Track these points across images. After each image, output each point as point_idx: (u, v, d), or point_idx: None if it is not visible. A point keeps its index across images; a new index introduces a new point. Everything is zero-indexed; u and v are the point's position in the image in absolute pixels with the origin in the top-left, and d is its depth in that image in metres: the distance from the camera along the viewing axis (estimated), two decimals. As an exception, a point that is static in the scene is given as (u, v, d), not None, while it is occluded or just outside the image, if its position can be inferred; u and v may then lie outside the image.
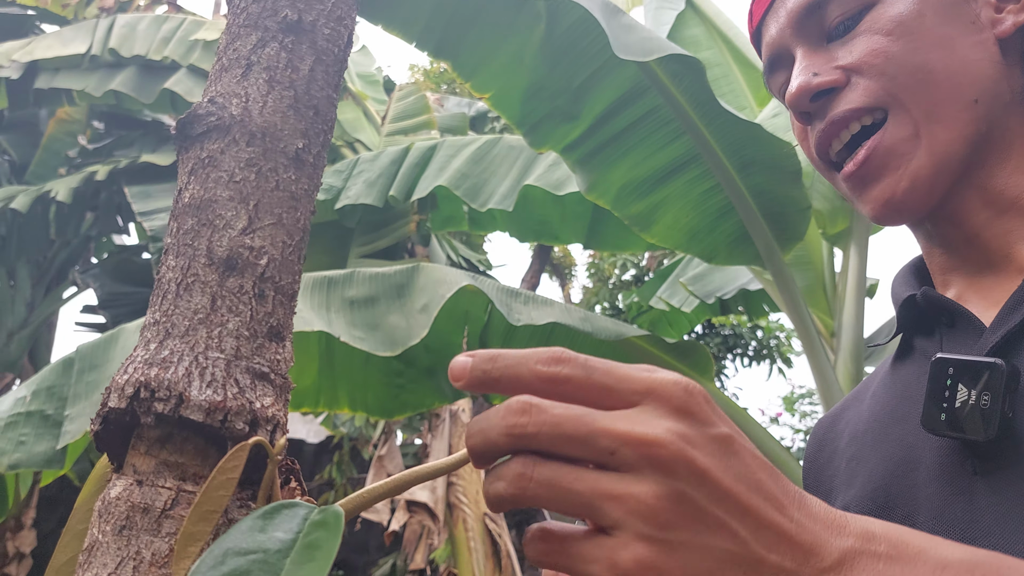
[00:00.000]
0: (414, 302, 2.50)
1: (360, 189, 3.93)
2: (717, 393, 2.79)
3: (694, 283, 3.68)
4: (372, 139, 5.86)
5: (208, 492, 0.39)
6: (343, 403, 2.78)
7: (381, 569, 5.83)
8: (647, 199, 2.89)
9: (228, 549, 0.36)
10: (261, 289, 0.46)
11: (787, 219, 2.79)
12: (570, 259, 11.09)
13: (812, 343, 2.79)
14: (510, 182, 3.42)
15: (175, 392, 0.41)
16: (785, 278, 2.79)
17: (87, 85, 5.93)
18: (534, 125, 2.76)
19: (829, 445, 0.72)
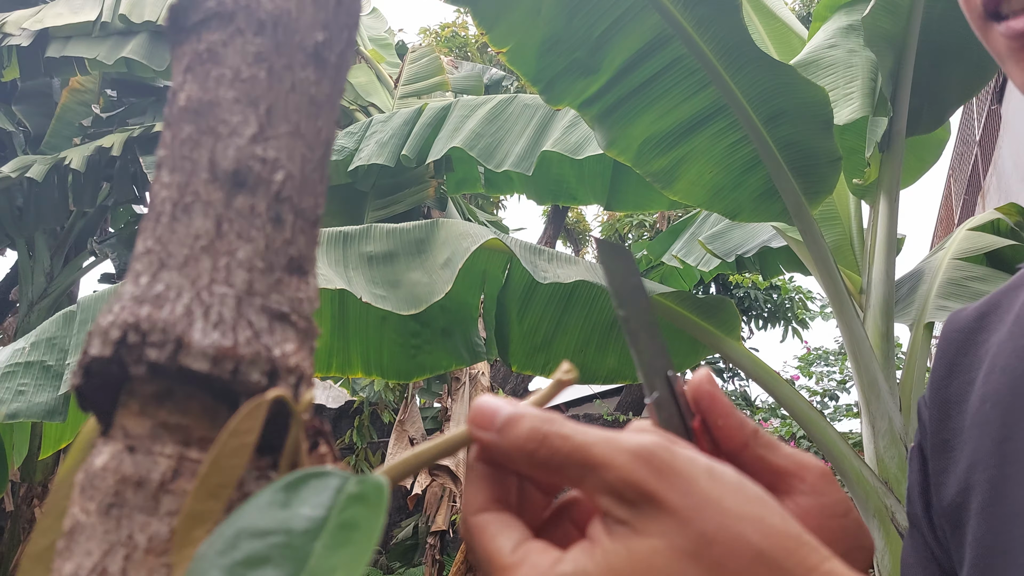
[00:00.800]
0: (435, 257, 2.41)
1: (372, 150, 3.84)
2: (745, 353, 2.70)
3: (712, 241, 3.58)
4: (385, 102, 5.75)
5: (217, 461, 0.30)
6: (356, 366, 2.71)
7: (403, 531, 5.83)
8: (670, 154, 2.78)
9: (242, 529, 0.28)
10: (277, 211, 0.37)
11: (816, 172, 2.68)
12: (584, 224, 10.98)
13: (841, 300, 2.70)
14: (526, 142, 3.33)
15: (172, 335, 0.33)
16: (813, 234, 2.69)
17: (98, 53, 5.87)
18: (551, 80, 2.65)
19: (961, 365, 0.64)
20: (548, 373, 2.83)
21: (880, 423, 2.62)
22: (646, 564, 0.29)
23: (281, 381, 0.34)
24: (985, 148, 10.13)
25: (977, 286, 2.83)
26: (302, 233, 0.38)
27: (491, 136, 3.38)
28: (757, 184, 2.78)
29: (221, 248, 0.35)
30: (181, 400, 0.34)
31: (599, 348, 2.84)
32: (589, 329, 2.83)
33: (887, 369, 2.67)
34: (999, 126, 9.27)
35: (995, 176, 9.46)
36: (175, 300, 0.34)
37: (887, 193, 2.69)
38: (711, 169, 2.76)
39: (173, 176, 0.37)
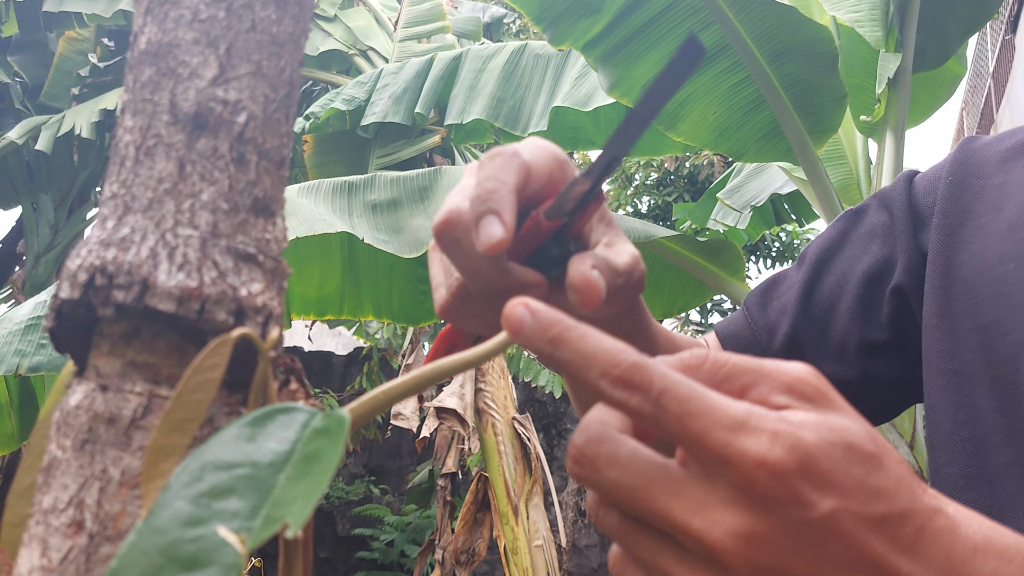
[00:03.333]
0: (439, 203, 2.42)
1: (386, 105, 3.82)
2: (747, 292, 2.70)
3: (730, 196, 3.57)
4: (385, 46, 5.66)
5: (182, 396, 0.31)
6: (367, 310, 2.74)
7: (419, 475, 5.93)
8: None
9: (208, 462, 0.29)
10: (240, 152, 0.37)
11: (821, 110, 2.65)
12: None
13: (846, 239, 2.68)
14: (544, 98, 3.31)
15: (138, 277, 0.33)
16: (818, 173, 2.66)
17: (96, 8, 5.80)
18: (554, 20, 2.61)
19: (974, 210, 0.64)
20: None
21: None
22: (844, 429, 0.31)
23: (248, 320, 0.35)
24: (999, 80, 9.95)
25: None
26: (267, 174, 0.38)
27: (512, 98, 3.36)
28: (761, 124, 2.75)
29: (185, 190, 0.36)
30: (149, 340, 0.34)
31: (604, 291, 2.85)
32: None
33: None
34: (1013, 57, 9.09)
35: (1008, 109, 9.31)
36: (140, 243, 0.34)
37: (893, 130, 2.66)
38: (715, 109, 2.73)
39: (135, 119, 0.37)
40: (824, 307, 0.68)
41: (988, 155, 0.65)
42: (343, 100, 3.74)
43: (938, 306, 0.62)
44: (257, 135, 0.38)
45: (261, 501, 0.28)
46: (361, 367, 6.63)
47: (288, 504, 0.28)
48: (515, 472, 4.02)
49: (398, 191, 2.54)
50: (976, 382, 0.58)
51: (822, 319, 0.68)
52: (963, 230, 0.63)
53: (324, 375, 8.52)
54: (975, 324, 0.59)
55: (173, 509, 0.28)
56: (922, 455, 2.53)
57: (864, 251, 0.68)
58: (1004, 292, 0.57)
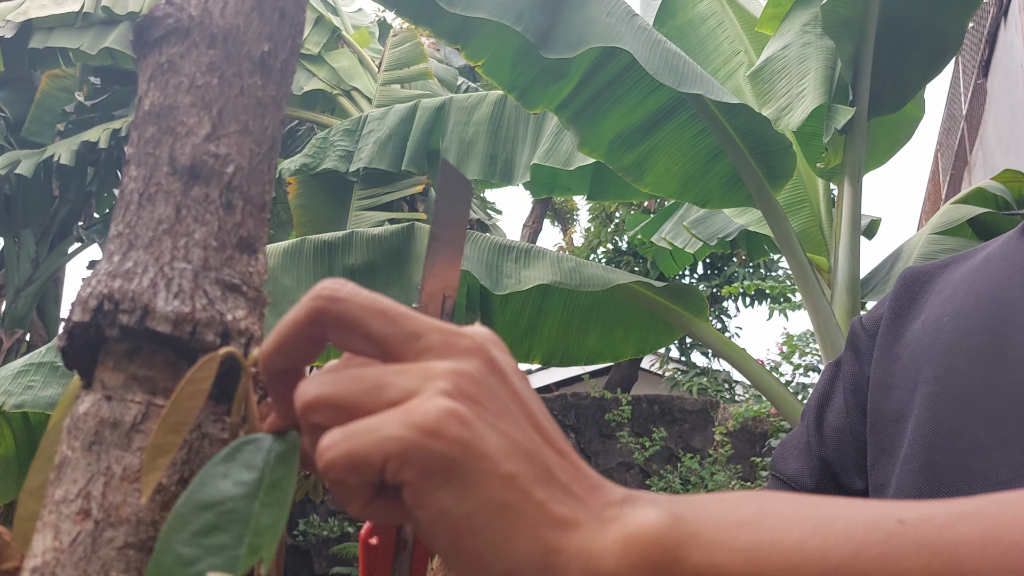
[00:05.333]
0: (411, 274, 2.54)
1: (372, 151, 3.91)
2: (712, 332, 2.79)
3: (696, 225, 3.66)
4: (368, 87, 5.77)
5: (176, 403, 0.37)
6: None
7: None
8: (637, 148, 2.86)
9: (194, 505, 0.35)
10: (228, 198, 0.44)
11: (774, 158, 2.77)
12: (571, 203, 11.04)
13: (807, 281, 2.78)
14: (529, 150, 3.42)
15: (140, 303, 0.40)
16: (777, 217, 2.77)
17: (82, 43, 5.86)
18: (525, 87, 2.73)
19: (920, 299, 0.74)
20: (532, 359, 2.91)
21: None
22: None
23: (233, 341, 0.41)
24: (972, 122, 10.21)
25: (949, 258, 2.91)
26: (251, 216, 0.45)
27: (503, 153, 3.47)
28: (723, 172, 2.86)
29: (180, 230, 0.42)
30: (148, 357, 0.40)
31: (580, 331, 2.93)
32: (569, 313, 2.91)
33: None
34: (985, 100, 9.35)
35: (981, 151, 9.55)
36: (142, 274, 0.41)
37: (850, 175, 2.77)
38: (678, 160, 2.84)
39: (139, 170, 0.44)
40: (836, 438, 0.77)
41: (928, 268, 0.77)
42: (338, 157, 3.85)
43: (880, 377, 0.71)
44: (243, 183, 0.44)
45: (243, 531, 0.34)
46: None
47: (263, 532, 0.34)
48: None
49: (374, 253, 2.63)
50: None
51: (837, 447, 0.76)
52: (907, 315, 0.74)
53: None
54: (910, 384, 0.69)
55: (173, 553, 0.34)
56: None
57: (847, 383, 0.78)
58: (939, 342, 0.67)
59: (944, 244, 3.05)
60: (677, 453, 8.27)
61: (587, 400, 8.53)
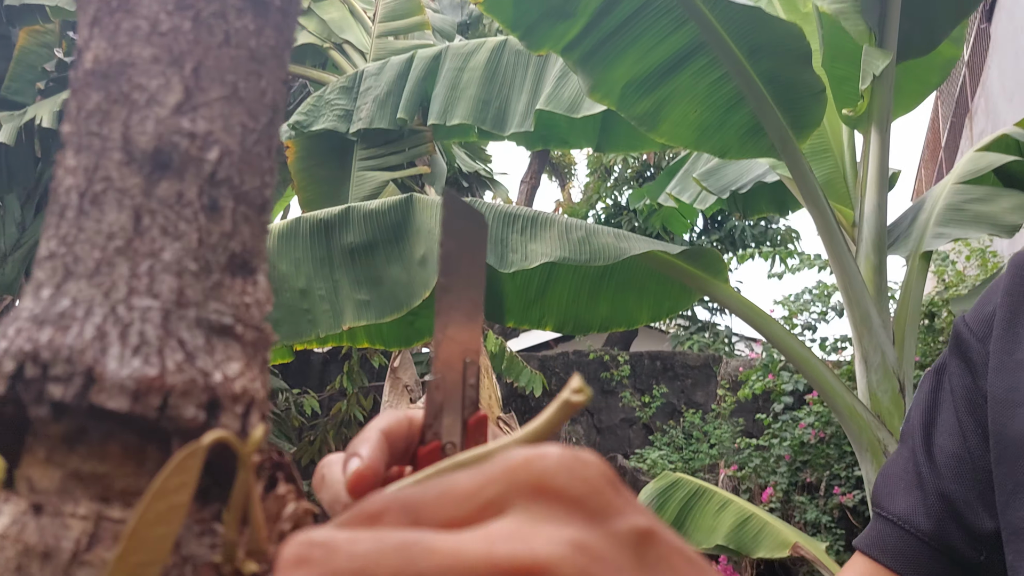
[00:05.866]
0: (412, 251, 2.39)
1: (372, 110, 3.74)
2: (732, 294, 2.66)
3: (707, 178, 3.51)
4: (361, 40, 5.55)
5: (140, 533, 0.24)
6: (361, 338, 2.72)
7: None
8: (652, 95, 2.69)
9: None
10: (212, 198, 0.30)
11: (801, 105, 2.60)
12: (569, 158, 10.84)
13: (832, 235, 2.65)
14: (527, 97, 3.25)
15: (80, 366, 0.26)
16: (802, 169, 2.61)
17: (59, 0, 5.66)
18: (529, 27, 2.54)
19: None
20: (544, 327, 2.78)
21: (873, 357, 2.60)
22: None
23: (225, 413, 0.28)
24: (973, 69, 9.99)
25: (977, 207, 2.77)
26: (246, 222, 0.31)
27: (497, 99, 3.29)
28: (743, 121, 2.69)
29: (142, 249, 0.28)
30: (98, 443, 0.27)
31: (591, 297, 2.79)
32: (580, 279, 2.77)
33: (880, 303, 2.63)
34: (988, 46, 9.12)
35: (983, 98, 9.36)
36: (84, 319, 0.27)
37: (878, 122, 2.61)
38: (695, 108, 2.67)
39: (79, 158, 0.30)
40: (952, 466, 0.63)
41: None
42: (337, 117, 3.68)
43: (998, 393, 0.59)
44: (233, 175, 0.30)
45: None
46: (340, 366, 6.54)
47: None
48: (499, 473, 3.96)
49: (372, 231, 2.49)
50: None
51: (956, 477, 0.63)
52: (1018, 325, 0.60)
53: (301, 374, 8.41)
54: None
55: None
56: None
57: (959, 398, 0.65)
58: None
59: (970, 194, 2.91)
60: (680, 408, 8.22)
61: (588, 357, 8.45)
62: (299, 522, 0.29)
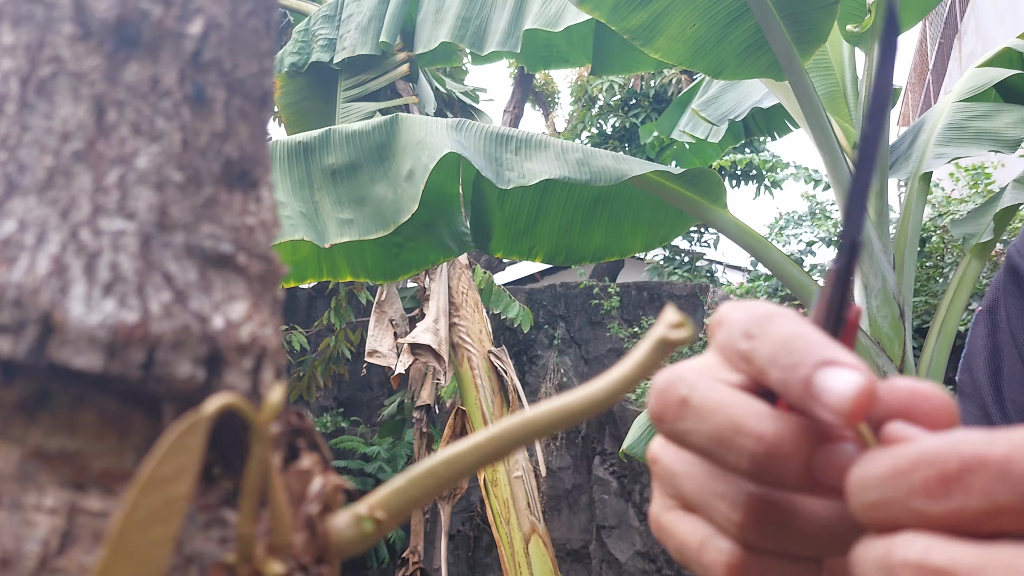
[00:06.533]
0: (398, 167, 2.27)
1: (355, 38, 3.60)
2: (732, 220, 2.59)
3: (705, 108, 3.41)
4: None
5: (126, 536, 0.18)
6: (344, 271, 2.62)
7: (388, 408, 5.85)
8: (648, 7, 2.58)
9: None
10: (198, 85, 0.22)
11: (809, 18, 2.50)
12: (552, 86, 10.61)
13: (833, 156, 2.58)
14: (509, 15, 3.11)
15: (34, 311, 0.19)
16: (805, 87, 2.53)
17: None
18: None
19: None
20: (534, 257, 2.71)
21: (873, 282, 2.56)
22: None
23: (230, 369, 0.21)
24: (964, -13, 9.79)
25: (978, 124, 2.71)
26: (243, 119, 0.24)
27: (477, 17, 3.14)
28: (743, 36, 2.59)
29: (108, 153, 0.21)
30: (65, 410, 0.20)
31: (584, 227, 2.72)
32: (572, 209, 2.69)
33: (880, 227, 2.58)
34: (978, -37, 8.92)
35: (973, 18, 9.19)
36: (35, 248, 0.20)
37: (883, 39, 2.52)
38: (694, 22, 2.56)
39: (18, 33, 0.22)
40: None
41: None
42: (321, 47, 3.53)
43: None
44: (223, 56, 0.23)
45: None
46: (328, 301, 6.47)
47: None
48: (492, 405, 3.95)
49: (355, 152, 2.37)
50: None
51: None
52: None
53: (288, 310, 8.35)
54: None
55: None
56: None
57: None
58: None
59: (971, 111, 2.84)
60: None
61: (576, 289, 8.42)
62: (329, 502, 0.23)
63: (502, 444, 0.24)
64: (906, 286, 2.60)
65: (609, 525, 6.63)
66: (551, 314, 8.27)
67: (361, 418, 8.38)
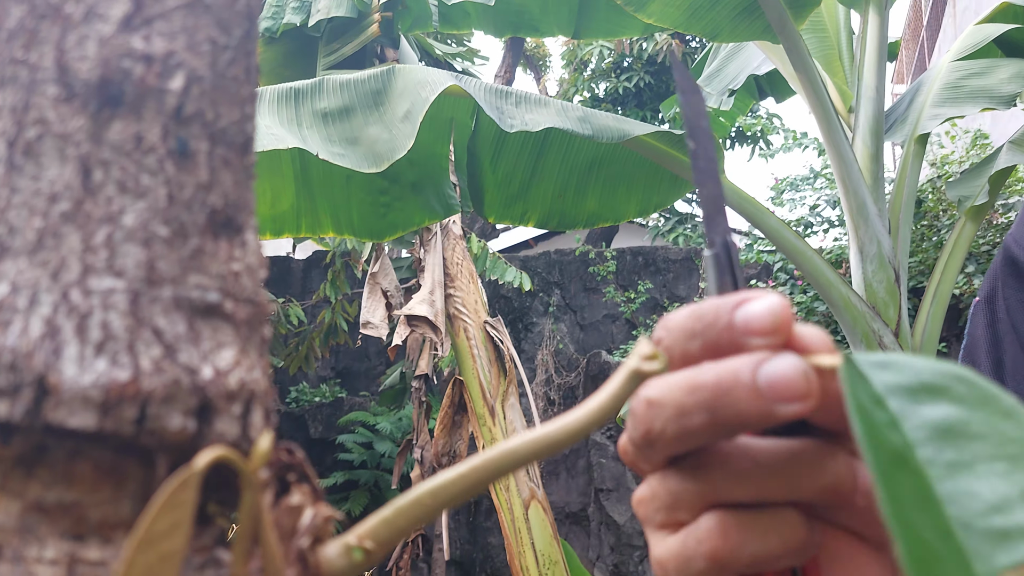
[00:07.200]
0: (394, 109, 2.21)
1: (328, 1, 3.54)
2: (730, 186, 2.59)
3: (709, 82, 3.39)
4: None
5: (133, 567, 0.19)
6: (327, 226, 2.56)
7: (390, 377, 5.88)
8: (645, -33, 2.55)
9: None
10: (181, 140, 0.23)
11: (802, -19, 2.48)
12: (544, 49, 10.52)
13: (829, 120, 2.57)
14: None
15: (29, 375, 0.20)
16: (800, 51, 2.51)
17: None
18: None
19: None
20: (527, 222, 2.70)
21: (869, 247, 2.56)
22: None
23: (219, 417, 0.22)
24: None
25: (974, 82, 2.68)
26: (226, 168, 0.24)
27: None
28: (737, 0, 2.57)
29: (95, 212, 0.22)
30: (62, 463, 0.21)
31: (578, 192, 2.71)
32: (566, 173, 2.68)
33: (876, 191, 2.58)
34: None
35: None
36: (28, 310, 0.21)
37: (876, 2, 2.49)
38: (690, -18, 2.54)
39: (3, 94, 0.23)
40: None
41: None
42: (293, 10, 3.47)
43: None
44: (204, 108, 0.24)
45: None
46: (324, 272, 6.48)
47: None
48: (489, 374, 3.97)
49: (349, 97, 2.32)
50: None
51: None
52: None
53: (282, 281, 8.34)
54: None
55: None
56: (907, 343, 2.50)
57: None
58: None
59: (968, 69, 2.81)
60: (663, 303, 8.27)
61: (570, 256, 8.42)
62: (319, 534, 0.24)
63: (485, 474, 0.25)
64: (901, 250, 2.61)
65: (607, 488, 6.71)
66: (546, 281, 8.28)
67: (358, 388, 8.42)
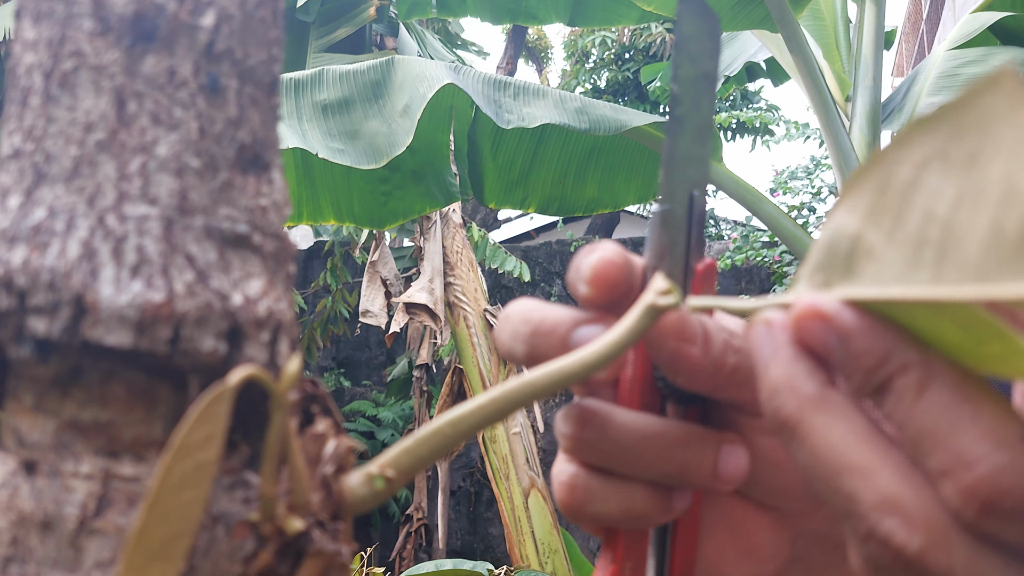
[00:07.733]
0: (393, 103, 2.22)
1: None
2: (728, 174, 2.59)
3: None
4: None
5: (161, 501, 0.19)
6: (328, 214, 2.57)
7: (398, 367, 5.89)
8: (642, -45, 2.55)
9: None
10: (212, 75, 0.24)
11: (800, -29, 2.48)
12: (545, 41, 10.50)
13: (827, 109, 2.57)
14: None
15: (67, 293, 0.21)
16: (798, 40, 2.51)
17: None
18: None
19: None
20: (527, 208, 2.71)
21: (866, 237, 2.57)
22: None
23: (249, 342, 0.23)
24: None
25: (970, 70, 2.69)
26: (254, 106, 0.25)
27: None
28: (738, -11, 2.57)
29: (130, 142, 0.23)
30: (97, 384, 0.22)
31: (578, 178, 2.72)
32: (566, 160, 2.69)
33: (874, 181, 2.59)
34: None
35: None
36: (66, 233, 0.21)
37: (873, -12, 2.50)
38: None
39: (39, 28, 0.23)
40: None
41: None
42: None
43: None
44: (234, 46, 0.24)
45: None
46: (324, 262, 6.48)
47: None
48: (489, 363, 3.98)
49: (349, 89, 2.32)
50: None
51: None
52: None
53: (283, 270, 8.35)
54: None
55: None
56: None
57: None
58: None
59: (964, 57, 2.81)
60: (663, 293, 8.28)
61: (572, 247, 8.43)
62: (342, 463, 0.25)
63: (503, 405, 0.26)
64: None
65: (606, 478, 6.73)
66: (547, 271, 8.29)
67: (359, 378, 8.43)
